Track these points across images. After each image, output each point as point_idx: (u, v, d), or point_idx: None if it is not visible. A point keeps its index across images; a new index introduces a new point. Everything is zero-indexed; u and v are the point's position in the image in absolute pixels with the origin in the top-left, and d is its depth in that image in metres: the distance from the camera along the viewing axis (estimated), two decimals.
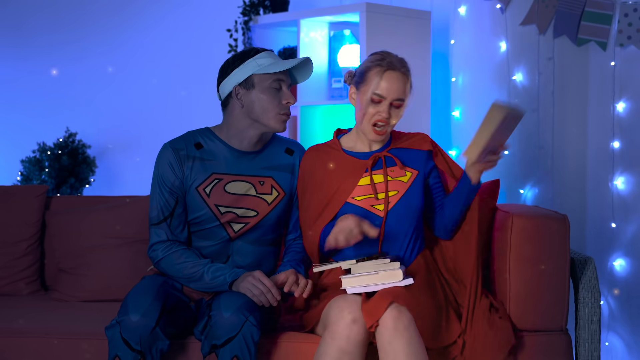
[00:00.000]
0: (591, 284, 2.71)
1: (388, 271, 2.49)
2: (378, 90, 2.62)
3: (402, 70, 2.65)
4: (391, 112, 2.64)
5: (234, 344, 2.42)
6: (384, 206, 2.66)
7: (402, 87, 2.63)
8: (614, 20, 3.82)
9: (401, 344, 2.37)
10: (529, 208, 2.83)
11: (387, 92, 2.62)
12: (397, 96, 2.63)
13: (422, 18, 4.14)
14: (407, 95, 2.66)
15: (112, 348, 2.45)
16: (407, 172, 2.70)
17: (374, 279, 2.50)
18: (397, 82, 2.63)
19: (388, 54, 2.69)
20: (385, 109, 2.63)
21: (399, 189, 2.68)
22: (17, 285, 3.27)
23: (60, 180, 4.39)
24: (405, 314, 2.41)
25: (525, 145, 4.08)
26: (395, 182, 2.69)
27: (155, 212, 2.69)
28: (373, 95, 2.63)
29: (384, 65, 2.64)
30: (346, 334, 2.41)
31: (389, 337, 2.38)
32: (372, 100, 2.63)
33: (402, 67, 2.65)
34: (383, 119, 2.63)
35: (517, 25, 4.06)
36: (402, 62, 2.68)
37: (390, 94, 2.62)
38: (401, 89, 2.63)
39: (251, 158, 2.72)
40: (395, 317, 2.39)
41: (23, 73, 4.87)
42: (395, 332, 2.38)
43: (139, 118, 4.84)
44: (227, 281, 2.59)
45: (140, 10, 4.87)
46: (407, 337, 2.38)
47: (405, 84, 2.64)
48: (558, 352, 2.63)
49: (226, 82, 2.67)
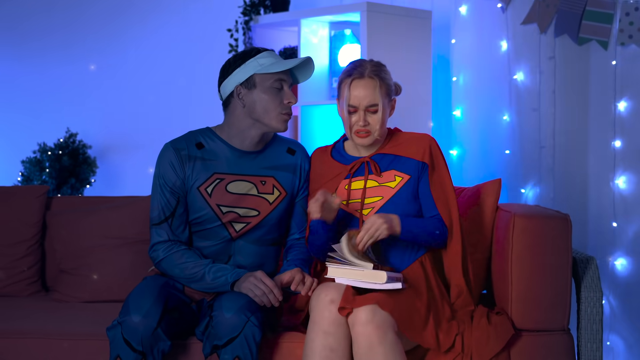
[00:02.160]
0: (593, 283, 2.70)
1: (373, 271, 2.49)
2: (350, 101, 2.66)
3: (370, 76, 2.65)
4: (368, 119, 2.66)
5: (235, 344, 2.42)
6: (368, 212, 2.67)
7: (370, 93, 2.65)
8: (615, 19, 3.82)
9: (379, 356, 2.39)
10: (531, 207, 2.82)
11: (357, 100, 2.65)
12: (369, 103, 2.65)
13: (422, 17, 4.13)
14: (381, 100, 2.65)
15: (113, 349, 2.45)
16: (396, 177, 2.70)
17: (358, 275, 2.50)
18: (364, 90, 2.65)
19: (360, 62, 2.71)
20: (362, 117, 2.65)
21: (384, 195, 2.68)
22: (18, 286, 3.27)
23: (60, 181, 4.38)
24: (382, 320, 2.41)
25: (526, 145, 4.08)
26: (382, 187, 2.69)
27: (156, 212, 2.68)
28: (347, 107, 2.67)
29: (351, 75, 2.67)
30: (326, 315, 2.45)
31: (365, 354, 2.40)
32: (348, 111, 2.67)
33: (371, 73, 2.66)
34: (361, 127, 2.66)
35: (518, 25, 4.06)
36: (374, 67, 2.68)
37: (360, 102, 2.65)
38: (370, 96, 2.65)
39: (252, 158, 2.72)
40: (369, 319, 2.40)
41: (23, 73, 4.87)
42: (370, 350, 2.40)
43: (140, 118, 4.84)
44: (229, 281, 2.59)
45: (141, 10, 4.87)
46: (382, 351, 2.40)
47: (374, 89, 2.65)
48: (560, 352, 2.63)
49: (227, 82, 2.67)
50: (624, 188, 3.84)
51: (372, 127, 2.67)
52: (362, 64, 2.69)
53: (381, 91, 2.66)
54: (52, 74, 4.87)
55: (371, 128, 2.66)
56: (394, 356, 2.40)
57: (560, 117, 3.98)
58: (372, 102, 2.65)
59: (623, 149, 3.83)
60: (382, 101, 2.66)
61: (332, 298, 2.47)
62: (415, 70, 4.07)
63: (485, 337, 2.54)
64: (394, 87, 2.73)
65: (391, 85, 2.71)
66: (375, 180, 2.70)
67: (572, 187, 3.98)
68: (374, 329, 2.40)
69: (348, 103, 2.66)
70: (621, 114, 3.84)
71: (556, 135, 3.99)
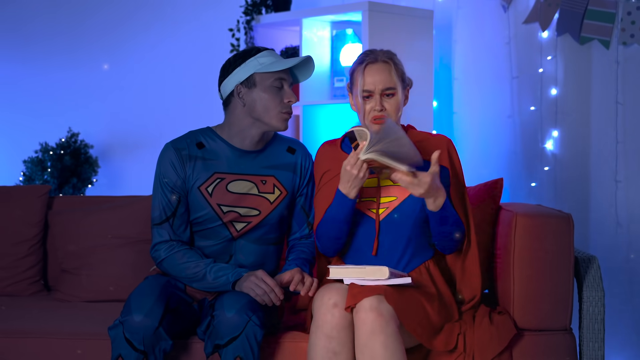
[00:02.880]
0: (595, 282, 2.70)
1: (375, 267, 2.48)
2: (364, 86, 2.62)
3: (383, 60, 2.62)
4: (384, 104, 2.61)
5: (237, 343, 2.42)
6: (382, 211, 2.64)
7: (386, 76, 2.61)
8: (617, 19, 3.81)
9: (378, 345, 2.37)
10: (533, 207, 2.82)
11: (372, 85, 2.61)
12: (385, 86, 2.61)
13: (424, 17, 4.13)
14: (397, 83, 2.62)
15: (115, 348, 2.45)
16: None
17: (361, 273, 2.49)
18: (380, 73, 2.61)
19: (370, 51, 2.68)
20: (378, 102, 2.61)
21: (399, 195, 2.65)
22: (20, 286, 3.27)
23: (62, 181, 4.39)
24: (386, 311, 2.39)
25: (528, 144, 4.08)
26: (396, 187, 2.65)
27: (157, 212, 2.68)
28: (362, 93, 2.63)
29: (364, 61, 2.64)
30: (328, 319, 2.43)
31: (366, 337, 2.38)
32: (363, 97, 2.63)
33: (384, 57, 2.63)
34: (377, 113, 2.61)
35: (519, 24, 4.06)
36: (386, 53, 2.65)
37: (376, 85, 2.61)
38: (386, 79, 2.61)
39: (253, 157, 2.72)
40: (374, 307, 2.38)
41: (26, 75, 4.87)
42: (372, 334, 2.37)
43: (141, 118, 4.84)
44: (230, 281, 2.59)
45: (142, 10, 4.87)
46: (383, 338, 2.37)
47: (389, 73, 2.61)
48: (562, 352, 2.63)
49: (228, 81, 2.67)
50: (626, 187, 3.83)
51: (389, 113, 2.61)
52: (373, 51, 2.66)
53: (396, 75, 2.62)
54: (54, 75, 4.87)
55: (388, 114, 2.61)
56: (394, 346, 2.38)
57: (562, 117, 3.98)
58: (388, 84, 2.61)
59: (625, 147, 3.82)
60: (398, 85, 2.62)
61: (335, 301, 2.45)
62: (417, 69, 4.07)
63: (488, 337, 2.53)
64: (406, 76, 2.69)
65: (404, 72, 2.67)
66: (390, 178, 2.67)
67: (574, 186, 3.98)
68: (377, 316, 2.38)
69: (363, 88, 2.62)
70: (623, 113, 3.83)
71: (558, 134, 3.99)
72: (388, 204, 2.64)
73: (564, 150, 3.99)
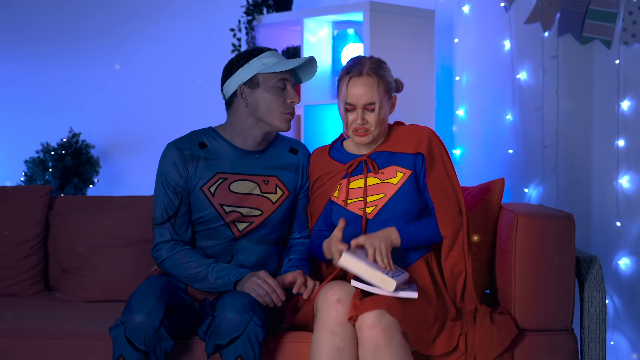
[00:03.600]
0: (596, 283, 2.70)
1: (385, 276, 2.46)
2: (347, 99, 2.64)
3: (368, 74, 2.63)
4: (366, 117, 2.64)
5: (238, 344, 2.42)
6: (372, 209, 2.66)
7: (368, 91, 2.62)
8: (618, 18, 3.81)
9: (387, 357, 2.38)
10: (534, 207, 2.82)
11: (355, 99, 2.63)
12: (367, 101, 2.62)
13: (425, 17, 4.13)
14: (381, 98, 2.63)
15: (116, 348, 2.45)
16: (398, 172, 2.69)
17: (370, 273, 2.47)
18: (362, 88, 2.62)
19: (359, 60, 2.68)
20: (359, 115, 2.63)
21: (386, 192, 2.67)
22: (21, 286, 3.27)
23: (64, 181, 4.39)
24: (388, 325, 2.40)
25: (529, 144, 4.08)
26: (383, 184, 2.68)
27: (159, 212, 2.68)
28: (345, 105, 2.65)
29: (349, 73, 2.64)
30: (332, 314, 2.44)
31: (372, 354, 2.39)
32: (346, 109, 2.65)
33: (369, 70, 2.63)
34: (358, 125, 2.64)
35: (521, 24, 4.06)
36: (373, 65, 2.65)
37: (358, 100, 2.62)
38: (368, 94, 2.62)
39: (255, 157, 2.72)
40: (376, 323, 2.39)
41: (27, 74, 4.87)
42: (376, 352, 2.39)
43: (143, 118, 4.84)
44: (232, 281, 2.59)
45: (143, 10, 4.87)
46: (387, 354, 2.38)
47: (372, 88, 2.62)
48: (563, 352, 2.63)
49: (230, 81, 2.67)
50: (628, 187, 3.83)
51: (370, 125, 2.64)
52: (361, 62, 2.66)
53: (379, 89, 2.63)
54: (55, 75, 4.87)
55: (369, 126, 2.64)
56: (400, 359, 2.40)
57: (563, 117, 3.98)
58: (370, 100, 2.62)
59: (626, 148, 3.82)
60: (380, 99, 2.63)
61: (338, 297, 2.46)
62: (418, 69, 4.07)
63: (489, 338, 2.53)
64: (394, 85, 2.70)
65: (391, 83, 2.68)
66: (377, 177, 2.69)
67: (576, 186, 3.98)
68: (380, 332, 2.39)
69: (345, 101, 2.64)
70: (624, 113, 3.83)
71: (559, 135, 3.99)
72: (376, 201, 2.67)
73: (566, 150, 3.99)
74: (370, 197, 2.68)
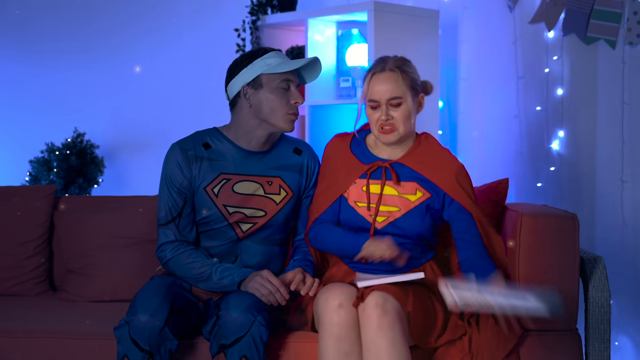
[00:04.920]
0: (601, 283, 2.70)
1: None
2: (370, 95, 2.61)
3: (390, 69, 2.60)
4: (391, 113, 2.59)
5: (242, 343, 2.42)
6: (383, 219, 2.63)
7: (392, 86, 2.58)
8: (623, 19, 3.81)
9: (385, 342, 2.38)
10: (538, 207, 2.82)
11: (378, 94, 2.60)
12: (390, 96, 2.59)
13: (430, 17, 4.13)
14: (405, 92, 2.59)
15: (121, 348, 2.45)
16: (418, 191, 2.63)
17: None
18: (385, 83, 2.59)
19: (382, 58, 2.66)
20: (384, 111, 2.59)
21: (402, 207, 2.63)
22: (26, 286, 3.28)
23: (68, 181, 4.39)
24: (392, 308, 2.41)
25: (534, 144, 4.07)
26: (401, 198, 2.63)
27: (163, 212, 2.69)
28: (369, 103, 2.62)
29: (372, 70, 2.63)
30: (335, 320, 2.44)
31: (373, 333, 2.39)
32: (371, 107, 2.62)
33: (392, 66, 2.61)
34: (384, 122, 2.60)
35: (525, 24, 4.05)
36: (396, 61, 2.63)
37: (381, 95, 2.59)
38: (392, 88, 2.58)
39: (259, 158, 2.72)
40: (379, 304, 2.39)
41: (32, 75, 4.88)
42: (379, 330, 2.38)
43: (147, 118, 4.85)
44: (236, 281, 2.59)
45: (148, 11, 4.87)
46: (390, 335, 2.38)
47: (396, 82, 2.59)
48: (568, 352, 2.62)
49: (234, 81, 2.67)
50: (632, 187, 3.83)
51: (397, 122, 2.59)
52: (384, 59, 2.64)
53: (404, 83, 2.59)
54: (60, 75, 4.88)
55: (395, 122, 2.59)
56: (401, 343, 2.39)
57: (568, 117, 3.97)
58: (394, 94, 2.59)
59: (631, 147, 3.82)
60: (406, 94, 2.60)
61: (340, 302, 2.46)
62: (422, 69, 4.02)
63: (495, 338, 2.53)
64: (420, 83, 2.66)
65: (416, 80, 2.64)
66: (395, 188, 2.64)
67: (580, 186, 3.98)
68: (383, 312, 2.39)
69: (369, 98, 2.61)
70: (629, 112, 3.83)
71: (564, 134, 3.98)
72: (389, 213, 2.63)
73: (570, 150, 3.98)
74: (384, 206, 2.63)
